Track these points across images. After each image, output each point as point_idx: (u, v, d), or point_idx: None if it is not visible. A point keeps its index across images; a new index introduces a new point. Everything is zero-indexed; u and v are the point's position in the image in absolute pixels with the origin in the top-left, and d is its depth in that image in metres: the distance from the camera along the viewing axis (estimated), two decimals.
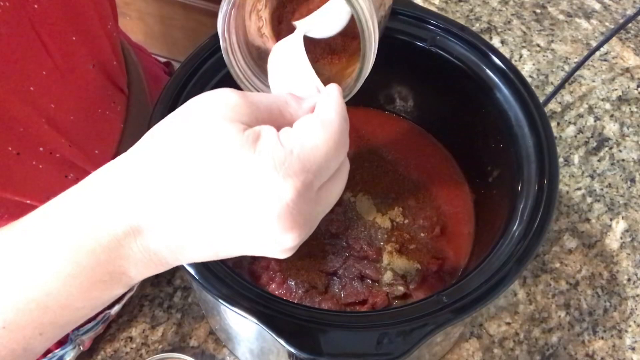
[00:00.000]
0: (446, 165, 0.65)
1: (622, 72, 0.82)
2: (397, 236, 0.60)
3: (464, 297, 0.44)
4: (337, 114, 0.32)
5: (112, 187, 0.31)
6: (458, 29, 0.56)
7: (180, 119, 0.31)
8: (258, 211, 0.29)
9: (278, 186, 0.29)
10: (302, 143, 0.30)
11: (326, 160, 0.31)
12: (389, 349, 0.41)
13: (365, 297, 0.56)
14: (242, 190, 0.29)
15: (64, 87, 0.48)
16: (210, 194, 0.29)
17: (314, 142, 0.30)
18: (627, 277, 0.68)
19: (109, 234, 0.30)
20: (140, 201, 0.30)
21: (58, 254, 0.31)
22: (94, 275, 0.31)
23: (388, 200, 0.62)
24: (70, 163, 0.51)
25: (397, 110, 0.68)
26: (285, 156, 0.29)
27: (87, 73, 0.51)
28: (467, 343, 0.63)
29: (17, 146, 0.45)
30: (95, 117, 0.54)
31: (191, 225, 0.30)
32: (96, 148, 0.55)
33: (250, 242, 0.31)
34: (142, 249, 0.31)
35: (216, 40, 0.55)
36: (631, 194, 0.73)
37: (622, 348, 0.64)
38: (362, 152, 0.66)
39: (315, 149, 0.30)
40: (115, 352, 0.62)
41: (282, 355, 0.51)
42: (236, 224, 0.30)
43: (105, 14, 0.53)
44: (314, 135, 0.31)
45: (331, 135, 0.31)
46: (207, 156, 0.29)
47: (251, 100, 0.31)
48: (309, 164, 0.30)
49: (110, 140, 0.57)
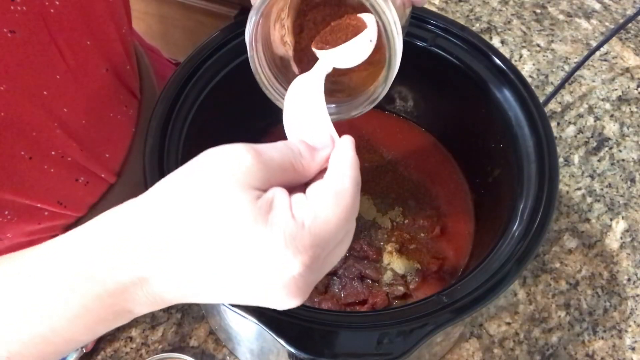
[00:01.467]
0: (446, 165, 0.65)
1: (622, 72, 0.82)
2: (397, 236, 0.60)
3: (464, 297, 0.44)
4: (351, 181, 0.32)
5: (121, 236, 0.31)
6: (458, 29, 0.56)
7: (193, 177, 0.31)
8: (265, 281, 0.30)
9: (288, 262, 0.29)
10: (315, 215, 0.30)
11: (336, 232, 0.31)
12: (389, 349, 0.41)
13: (365, 297, 0.56)
14: (251, 261, 0.30)
15: (76, 91, 0.48)
16: (219, 260, 0.30)
17: (326, 216, 0.31)
18: (627, 277, 0.68)
19: (116, 283, 0.31)
20: (148, 256, 0.31)
21: (66, 296, 0.31)
22: (99, 316, 0.32)
23: (388, 200, 0.62)
24: (81, 167, 0.52)
25: (397, 110, 0.68)
26: (297, 231, 0.30)
27: (100, 77, 0.51)
28: (467, 343, 0.63)
29: (29, 150, 0.45)
30: (107, 121, 0.54)
31: (198, 283, 0.31)
32: (107, 152, 0.55)
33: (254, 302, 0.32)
34: (147, 294, 0.32)
35: (216, 40, 0.55)
36: (631, 194, 0.73)
37: (622, 348, 0.64)
38: (362, 152, 0.66)
39: (327, 223, 0.30)
40: (115, 352, 0.62)
41: (282, 355, 0.51)
42: (242, 289, 0.31)
43: (120, 18, 0.53)
44: (327, 208, 0.31)
45: (344, 208, 0.31)
46: (219, 225, 0.30)
47: (264, 160, 0.31)
48: (319, 239, 0.30)
49: (122, 144, 0.57)
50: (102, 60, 0.50)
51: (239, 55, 0.55)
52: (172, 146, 0.50)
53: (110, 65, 0.52)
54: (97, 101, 0.51)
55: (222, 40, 0.55)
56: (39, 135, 0.45)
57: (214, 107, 0.55)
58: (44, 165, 0.47)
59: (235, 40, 0.55)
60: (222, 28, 0.55)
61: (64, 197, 0.51)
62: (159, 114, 0.51)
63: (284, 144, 0.34)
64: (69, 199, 0.52)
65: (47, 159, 0.47)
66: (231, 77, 0.55)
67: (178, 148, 0.50)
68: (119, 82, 0.55)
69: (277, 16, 0.42)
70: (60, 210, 0.52)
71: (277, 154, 0.32)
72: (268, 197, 0.30)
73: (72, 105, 0.48)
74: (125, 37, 0.54)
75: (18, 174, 0.45)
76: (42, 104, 0.45)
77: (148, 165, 0.48)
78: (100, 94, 0.51)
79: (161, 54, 0.79)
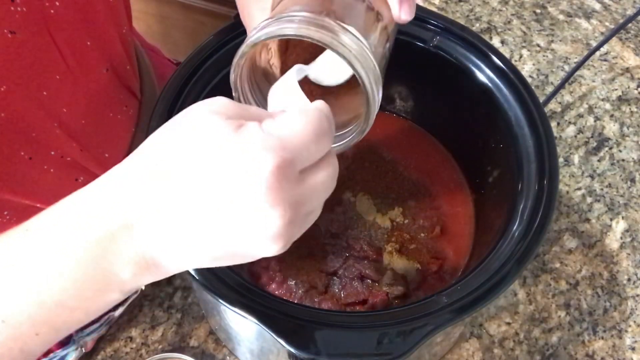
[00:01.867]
0: (446, 165, 0.65)
1: (622, 72, 0.82)
2: (397, 236, 0.60)
3: (464, 297, 0.44)
4: (317, 108, 0.33)
5: (107, 187, 0.32)
6: (458, 29, 0.56)
7: (172, 120, 0.33)
8: (242, 185, 0.30)
9: (258, 158, 0.29)
10: (281, 126, 0.31)
11: (304, 142, 0.31)
12: (389, 349, 0.41)
13: (365, 297, 0.56)
14: (226, 169, 0.30)
15: (76, 92, 0.48)
16: (196, 179, 0.30)
17: (292, 127, 0.31)
18: (627, 277, 0.68)
19: (102, 228, 0.31)
20: (132, 197, 0.31)
21: (53, 248, 0.31)
22: (87, 271, 0.32)
23: (388, 200, 0.62)
24: (81, 167, 0.52)
25: (397, 110, 0.68)
26: (265, 136, 0.30)
27: (100, 77, 0.51)
28: (467, 343, 0.63)
29: (29, 151, 0.45)
30: (107, 121, 0.54)
31: (181, 215, 0.31)
32: (107, 152, 0.55)
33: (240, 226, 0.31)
34: (135, 246, 0.31)
35: (216, 40, 0.55)
36: (631, 194, 0.73)
37: (622, 348, 0.64)
38: (362, 152, 0.66)
39: (293, 131, 0.31)
40: (115, 352, 0.62)
41: (282, 355, 0.51)
42: (224, 203, 0.30)
43: (120, 18, 0.53)
44: (293, 121, 0.32)
45: (310, 122, 0.32)
46: (192, 142, 0.30)
47: (240, 105, 0.33)
48: (287, 143, 0.30)
49: (121, 144, 0.57)
50: (102, 60, 0.50)
51: None
52: None
53: (110, 65, 0.52)
54: (96, 101, 0.51)
55: (222, 40, 0.55)
56: (38, 136, 0.45)
57: None
58: (44, 165, 0.47)
59: (235, 40, 0.55)
60: (222, 28, 0.55)
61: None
62: (159, 114, 0.51)
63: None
64: None
65: (46, 159, 0.47)
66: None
67: None
68: (119, 82, 0.54)
69: (262, 45, 0.41)
70: None
71: (256, 108, 0.34)
72: (240, 121, 0.31)
73: (72, 106, 0.48)
74: (125, 37, 0.54)
75: (18, 175, 0.45)
76: (42, 105, 0.45)
77: None
78: (100, 94, 0.51)
79: (162, 53, 0.79)
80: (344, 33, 0.35)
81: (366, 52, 0.36)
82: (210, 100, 0.32)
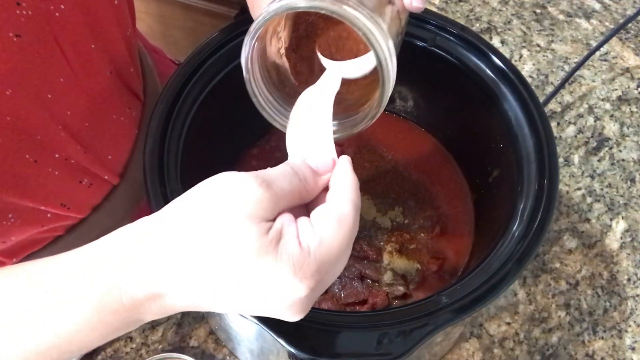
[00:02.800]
0: (446, 166, 0.65)
1: (622, 72, 0.82)
2: (397, 236, 0.60)
3: (464, 297, 0.44)
4: (352, 205, 0.35)
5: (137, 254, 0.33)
6: (458, 29, 0.56)
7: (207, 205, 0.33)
8: (273, 303, 0.33)
9: (295, 287, 0.32)
10: (320, 242, 0.33)
11: (339, 255, 0.34)
12: (389, 349, 0.41)
13: (365, 297, 0.56)
14: (261, 288, 0.32)
15: (80, 94, 0.48)
16: (230, 285, 0.32)
17: (330, 241, 0.33)
18: (627, 277, 0.68)
19: (132, 298, 0.33)
20: (164, 275, 0.33)
21: (82, 310, 0.33)
22: (113, 326, 0.34)
23: (388, 200, 0.62)
24: (85, 169, 0.52)
25: (397, 110, 0.68)
26: (304, 259, 0.32)
27: (103, 80, 0.51)
28: (467, 343, 0.63)
29: (34, 154, 0.45)
30: (110, 123, 0.54)
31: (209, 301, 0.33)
32: (110, 154, 0.55)
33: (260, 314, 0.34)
34: (160, 307, 0.34)
35: (216, 40, 0.55)
36: (631, 194, 0.73)
37: (622, 348, 0.64)
38: (362, 152, 0.66)
39: (330, 247, 0.33)
40: (115, 352, 0.62)
41: (282, 355, 0.51)
42: (250, 307, 0.34)
43: (125, 20, 0.53)
44: (331, 233, 0.33)
45: (346, 232, 0.34)
46: (233, 256, 0.32)
47: (274, 192, 0.33)
48: (324, 265, 0.33)
49: (125, 146, 0.58)
50: (106, 63, 0.50)
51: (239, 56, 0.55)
52: (172, 146, 0.50)
53: (114, 67, 0.52)
54: (100, 104, 0.51)
55: (222, 40, 0.55)
56: (43, 139, 0.45)
57: (214, 107, 0.55)
58: (48, 168, 0.47)
59: (235, 40, 0.55)
60: (222, 28, 0.55)
61: (67, 199, 0.52)
62: (159, 114, 0.51)
63: (291, 172, 0.36)
64: (73, 201, 0.52)
65: (51, 162, 0.47)
66: (231, 77, 0.55)
67: (178, 148, 0.50)
68: (122, 85, 0.54)
69: (273, 31, 0.42)
70: (64, 212, 0.52)
71: (287, 185, 0.35)
72: (277, 227, 0.33)
73: (76, 108, 0.48)
74: (129, 40, 0.54)
75: (23, 178, 0.45)
76: (46, 107, 0.45)
77: (148, 165, 0.48)
78: (103, 97, 0.51)
79: (164, 54, 0.79)
80: (359, 6, 0.35)
81: (382, 27, 0.36)
82: (245, 193, 0.33)
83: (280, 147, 0.67)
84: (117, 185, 0.58)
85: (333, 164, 0.38)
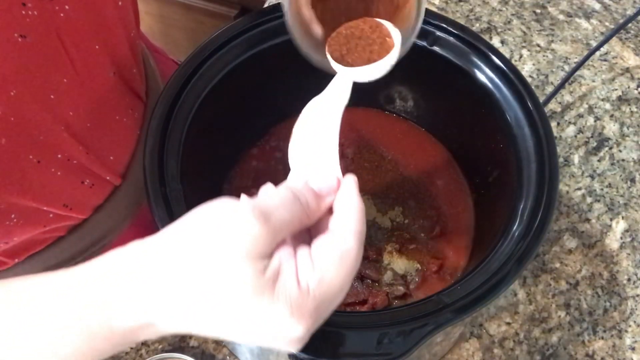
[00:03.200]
0: (446, 165, 0.65)
1: (622, 72, 0.82)
2: (397, 236, 0.60)
3: (464, 297, 0.44)
4: (356, 238, 0.33)
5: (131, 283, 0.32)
6: (458, 29, 0.56)
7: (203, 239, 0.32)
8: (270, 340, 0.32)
9: (292, 328, 0.31)
10: (320, 279, 0.32)
11: (339, 292, 0.33)
12: (389, 349, 0.41)
13: (365, 297, 0.56)
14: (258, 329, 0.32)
15: (82, 95, 0.48)
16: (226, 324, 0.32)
17: (331, 279, 0.32)
18: (627, 277, 0.68)
19: (124, 327, 0.32)
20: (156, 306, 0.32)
21: (75, 336, 0.32)
22: (106, 351, 0.34)
23: (388, 200, 0.62)
24: (87, 169, 0.52)
25: (397, 110, 0.68)
26: (302, 299, 0.31)
27: (106, 81, 0.51)
28: (467, 343, 0.63)
29: (37, 154, 0.45)
30: (112, 124, 0.54)
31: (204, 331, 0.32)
32: (112, 154, 0.55)
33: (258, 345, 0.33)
34: (153, 333, 0.33)
35: (216, 40, 0.55)
36: (631, 194, 0.73)
37: (622, 348, 0.64)
38: (362, 152, 0.66)
39: (331, 285, 0.32)
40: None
41: (282, 355, 0.51)
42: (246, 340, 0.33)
43: (129, 21, 0.53)
44: (332, 270, 0.32)
45: (348, 269, 0.33)
46: (228, 293, 0.31)
47: (273, 225, 0.32)
48: (323, 303, 0.32)
49: (126, 147, 0.58)
50: (109, 64, 0.50)
51: (239, 56, 0.55)
52: (172, 146, 0.50)
53: (117, 69, 0.52)
54: (102, 104, 0.51)
55: (222, 41, 0.55)
56: (46, 139, 0.45)
57: (214, 107, 0.55)
58: (51, 168, 0.47)
59: (235, 41, 0.55)
60: (222, 28, 0.55)
61: (69, 199, 0.52)
62: (159, 114, 0.51)
63: (292, 198, 0.34)
64: (75, 202, 0.52)
65: (54, 162, 0.47)
66: (231, 77, 0.55)
67: (178, 148, 0.50)
68: (125, 86, 0.55)
69: None
70: (66, 212, 0.52)
71: (288, 214, 0.33)
72: (274, 266, 0.32)
73: (78, 109, 0.48)
74: (133, 41, 0.54)
75: (26, 178, 0.45)
76: (50, 108, 0.45)
77: (148, 165, 0.48)
78: (106, 98, 0.51)
79: (166, 54, 0.79)
80: None
81: None
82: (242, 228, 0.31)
83: (280, 147, 0.67)
84: (119, 186, 0.58)
85: (338, 184, 0.36)
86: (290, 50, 0.44)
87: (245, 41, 0.55)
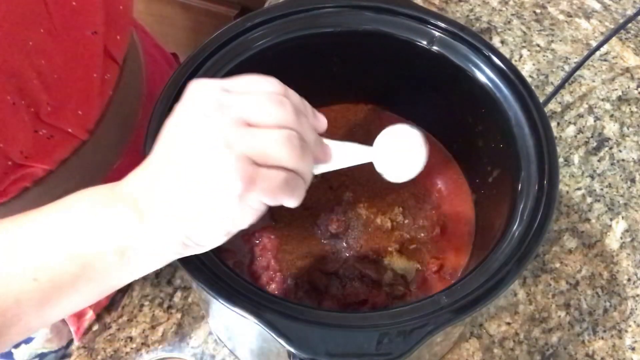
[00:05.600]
0: (446, 165, 0.65)
1: (622, 72, 0.82)
2: (397, 236, 0.60)
3: (464, 297, 0.44)
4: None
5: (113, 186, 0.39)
6: (458, 29, 0.56)
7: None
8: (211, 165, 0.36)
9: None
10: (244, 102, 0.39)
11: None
12: (389, 349, 0.41)
13: (365, 297, 0.56)
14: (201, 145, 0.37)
15: (56, 47, 0.50)
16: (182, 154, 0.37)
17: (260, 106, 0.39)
18: (627, 277, 0.68)
19: (121, 189, 0.39)
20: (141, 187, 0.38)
21: (77, 207, 0.39)
22: (108, 223, 0.38)
23: (388, 200, 0.62)
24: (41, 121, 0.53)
25: (397, 110, 0.68)
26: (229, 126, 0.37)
27: (83, 38, 0.52)
28: (467, 343, 0.63)
29: (14, 96, 0.47)
30: (84, 80, 0.55)
31: (167, 184, 0.37)
32: (79, 109, 0.56)
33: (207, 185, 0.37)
34: (135, 211, 0.38)
35: (216, 40, 0.55)
36: (631, 194, 0.73)
37: (622, 348, 0.64)
38: None
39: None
40: (115, 352, 0.62)
41: (282, 355, 0.51)
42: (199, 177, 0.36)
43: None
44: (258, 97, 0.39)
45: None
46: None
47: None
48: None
49: (97, 104, 0.58)
50: (88, 23, 0.52)
51: (239, 56, 0.55)
52: None
53: (97, 29, 0.53)
54: (77, 60, 0.53)
55: (222, 41, 0.55)
56: (17, 82, 0.47)
57: None
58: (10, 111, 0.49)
59: (235, 41, 0.55)
60: (222, 28, 0.55)
61: (25, 147, 0.52)
62: (159, 113, 0.51)
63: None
64: (32, 151, 0.53)
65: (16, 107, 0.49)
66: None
67: None
68: (103, 47, 0.56)
69: None
70: (24, 161, 0.52)
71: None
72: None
73: (51, 60, 0.50)
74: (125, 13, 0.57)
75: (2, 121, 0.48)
76: (27, 54, 0.47)
77: None
78: (81, 54, 0.53)
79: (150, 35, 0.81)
80: None
81: None
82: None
83: None
84: (86, 141, 0.58)
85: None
86: (291, 50, 0.45)
87: (245, 41, 0.55)
